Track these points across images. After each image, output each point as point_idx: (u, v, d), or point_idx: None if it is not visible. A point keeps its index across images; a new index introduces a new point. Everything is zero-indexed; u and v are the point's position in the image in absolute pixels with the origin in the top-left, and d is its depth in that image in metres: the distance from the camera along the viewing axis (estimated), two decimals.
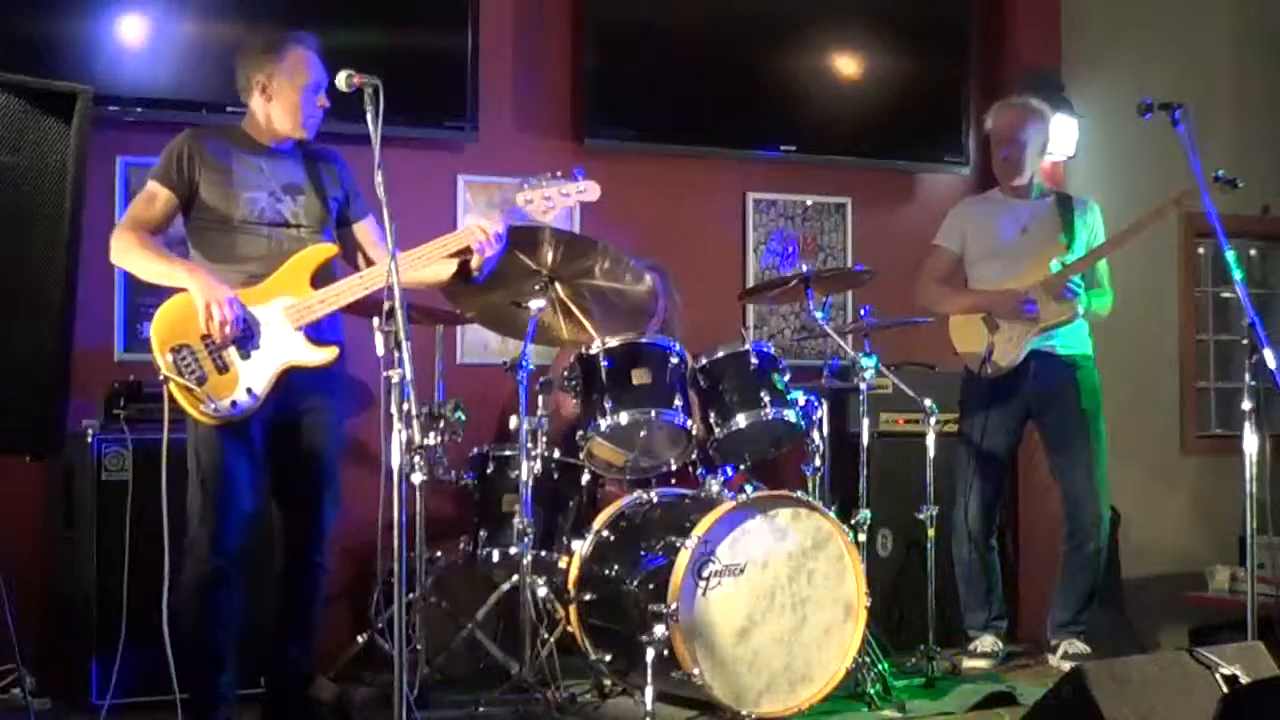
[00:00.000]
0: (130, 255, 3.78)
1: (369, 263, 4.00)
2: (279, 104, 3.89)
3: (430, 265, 3.94)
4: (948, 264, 5.28)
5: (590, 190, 4.07)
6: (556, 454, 4.59)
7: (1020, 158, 5.17)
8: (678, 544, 4.07)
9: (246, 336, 3.69)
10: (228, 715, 3.77)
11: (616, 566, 4.29)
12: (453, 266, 4.01)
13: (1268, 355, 3.94)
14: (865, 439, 4.73)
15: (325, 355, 3.82)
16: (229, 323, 3.64)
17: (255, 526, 3.80)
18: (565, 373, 4.48)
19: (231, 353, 3.67)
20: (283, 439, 3.84)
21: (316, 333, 3.82)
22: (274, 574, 3.96)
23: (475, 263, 3.96)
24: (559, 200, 4.04)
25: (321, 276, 3.85)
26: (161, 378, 3.61)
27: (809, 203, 6.08)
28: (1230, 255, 4.15)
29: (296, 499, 3.93)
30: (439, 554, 4.72)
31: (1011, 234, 5.18)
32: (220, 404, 3.65)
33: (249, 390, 3.69)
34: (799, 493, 4.34)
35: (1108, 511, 5.17)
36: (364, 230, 4.06)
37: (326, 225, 3.96)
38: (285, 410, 3.80)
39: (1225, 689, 3.11)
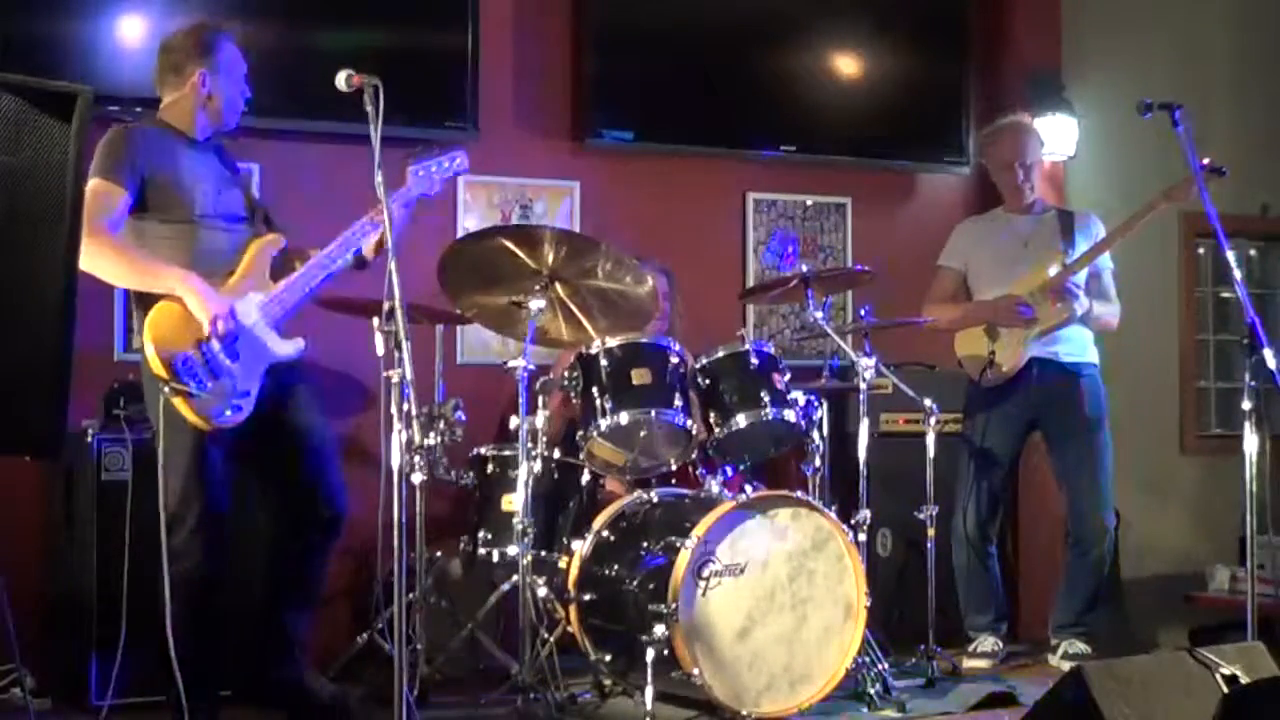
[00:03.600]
0: (107, 260, 3.64)
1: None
2: (219, 98, 3.89)
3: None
4: (951, 283, 5.30)
5: (461, 160, 4.17)
6: (556, 454, 4.59)
7: (1030, 178, 5.22)
8: (678, 544, 4.07)
9: (232, 338, 3.68)
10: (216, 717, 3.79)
11: (616, 566, 4.29)
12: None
13: (1268, 355, 3.94)
14: (865, 439, 4.72)
15: (297, 346, 3.84)
16: (228, 333, 3.63)
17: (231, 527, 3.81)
18: (566, 373, 4.48)
19: (224, 357, 3.66)
20: (267, 432, 3.81)
21: (280, 325, 3.83)
22: (262, 565, 3.98)
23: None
24: (440, 172, 4.11)
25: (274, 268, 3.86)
26: (166, 389, 3.57)
27: (809, 203, 6.07)
28: (1230, 255, 4.16)
29: (303, 470, 3.93)
30: (439, 554, 4.72)
31: (1013, 247, 5.19)
32: (223, 410, 3.64)
33: (246, 393, 3.69)
34: (799, 493, 4.34)
35: (1113, 520, 5.16)
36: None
37: (255, 216, 3.96)
38: (265, 403, 3.77)
39: (1225, 689, 3.10)
